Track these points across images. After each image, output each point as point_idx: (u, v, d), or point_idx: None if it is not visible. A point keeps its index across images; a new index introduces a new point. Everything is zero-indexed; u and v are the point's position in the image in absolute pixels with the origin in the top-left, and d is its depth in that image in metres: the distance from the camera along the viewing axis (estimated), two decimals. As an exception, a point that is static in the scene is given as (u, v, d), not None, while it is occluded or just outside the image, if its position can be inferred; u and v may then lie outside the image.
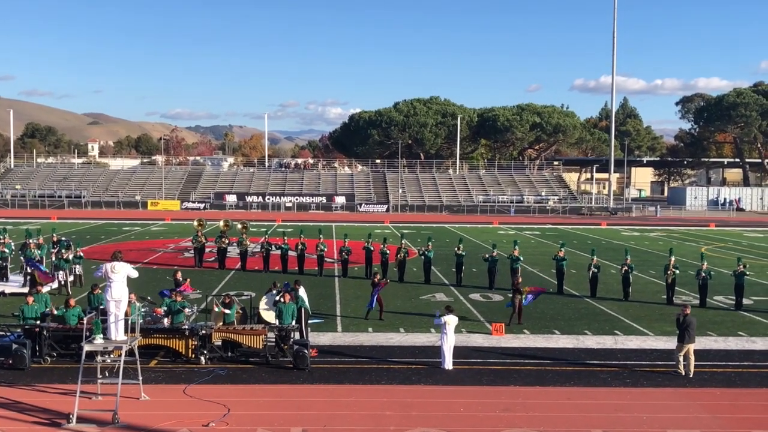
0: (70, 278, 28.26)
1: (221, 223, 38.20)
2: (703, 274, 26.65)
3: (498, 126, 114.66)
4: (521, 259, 30.60)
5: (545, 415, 14.65)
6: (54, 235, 32.29)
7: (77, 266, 29.12)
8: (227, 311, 18.96)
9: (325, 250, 33.36)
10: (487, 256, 30.58)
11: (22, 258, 28.74)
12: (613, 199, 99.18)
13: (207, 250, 36.86)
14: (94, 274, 20.81)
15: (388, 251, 31.26)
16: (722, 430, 14.12)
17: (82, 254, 30.64)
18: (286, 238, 35.52)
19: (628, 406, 15.32)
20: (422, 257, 31.36)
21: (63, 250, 29.00)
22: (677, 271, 27.41)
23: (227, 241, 35.88)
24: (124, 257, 16.59)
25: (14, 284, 27.99)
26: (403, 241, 32.47)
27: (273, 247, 34.83)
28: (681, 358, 17.56)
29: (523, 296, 23.40)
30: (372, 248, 32.14)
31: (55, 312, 19.12)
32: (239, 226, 37.35)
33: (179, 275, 23.69)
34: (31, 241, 29.98)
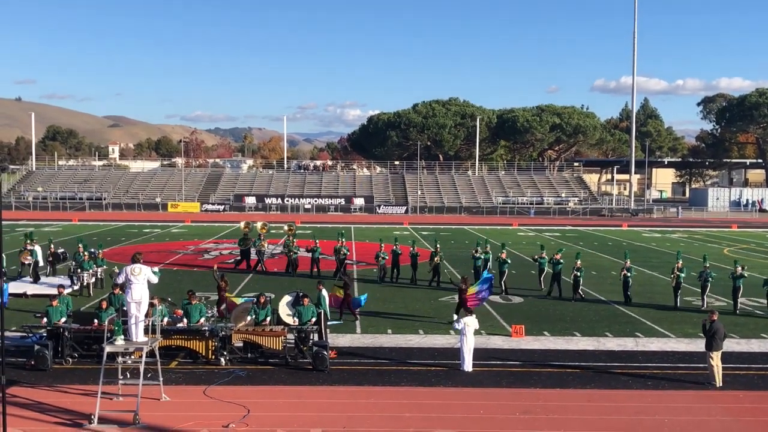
0: (92, 280, 28.49)
1: (258, 225, 37.84)
2: (705, 276, 26.49)
3: (517, 127, 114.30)
4: (509, 261, 29.80)
5: (565, 418, 14.60)
6: (51, 245, 32.59)
7: (100, 268, 29.37)
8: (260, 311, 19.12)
9: (347, 253, 33.07)
10: (536, 257, 30.50)
11: (72, 262, 29.18)
12: (634, 201, 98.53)
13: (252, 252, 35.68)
14: (113, 280, 20.88)
15: (401, 251, 31.79)
16: (745, 433, 14.01)
17: (103, 257, 30.88)
18: (317, 240, 35.39)
19: (649, 408, 15.24)
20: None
21: (85, 252, 29.27)
22: (682, 275, 26.82)
23: (265, 244, 35.59)
24: (145, 258, 16.70)
25: (40, 285, 28.29)
26: (437, 246, 31.73)
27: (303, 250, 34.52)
28: (714, 366, 17.08)
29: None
30: (400, 251, 31.95)
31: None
32: (286, 227, 36.74)
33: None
34: (92, 249, 30.54)
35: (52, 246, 32.22)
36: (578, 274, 27.65)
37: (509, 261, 30.22)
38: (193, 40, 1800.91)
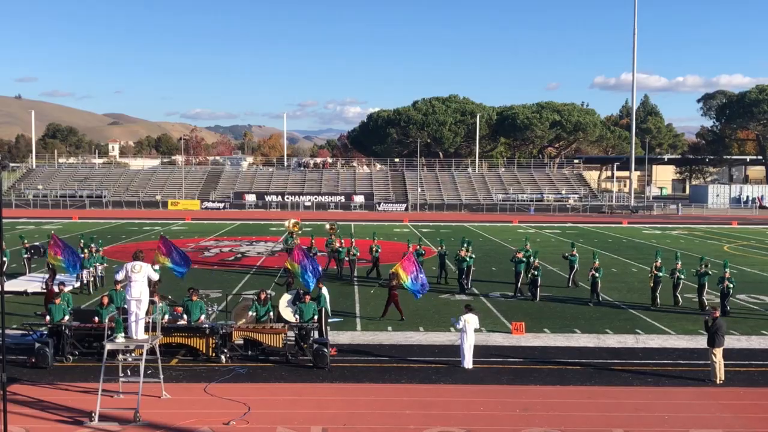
0: (91, 278, 28.53)
1: (290, 223, 36.61)
2: (677, 274, 26.07)
3: (517, 124, 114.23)
4: (467, 259, 29.22)
5: (565, 415, 14.61)
6: (25, 241, 32.68)
7: (100, 266, 29.42)
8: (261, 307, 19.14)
9: (357, 254, 31.85)
10: (566, 254, 30.36)
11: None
12: (634, 197, 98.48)
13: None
14: (114, 275, 20.95)
15: (424, 252, 31.46)
16: (745, 429, 14.01)
17: (104, 255, 30.94)
18: (344, 240, 33.72)
19: (649, 405, 15.25)
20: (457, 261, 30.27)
21: (85, 250, 29.33)
22: (660, 274, 26.17)
23: (298, 242, 33.60)
24: (145, 257, 16.71)
25: (37, 283, 28.29)
26: (470, 247, 30.79)
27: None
28: (716, 363, 17.09)
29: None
30: (423, 251, 31.30)
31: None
32: (327, 226, 35.60)
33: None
34: (92, 246, 30.55)
35: (26, 242, 32.52)
36: (596, 274, 26.52)
37: (468, 258, 29.30)
38: (193, 38, 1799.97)
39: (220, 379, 16.72)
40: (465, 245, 30.04)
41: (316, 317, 19.10)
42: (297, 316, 19.07)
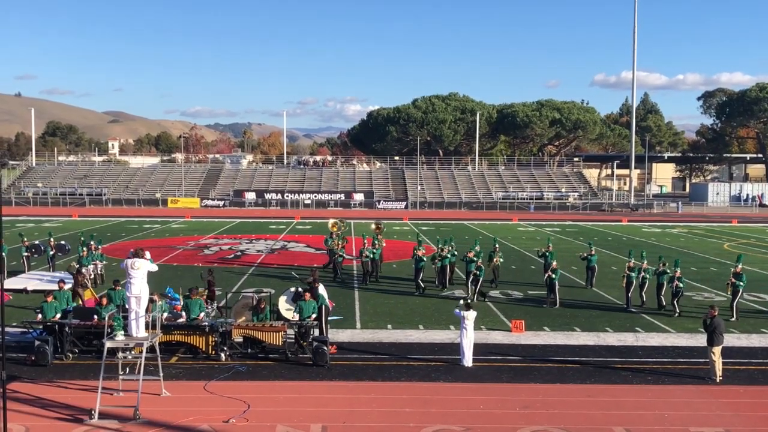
0: (90, 275, 28.54)
1: (330, 223, 35.89)
2: (643, 274, 25.48)
3: (517, 122, 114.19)
4: (448, 257, 29.10)
5: (565, 413, 14.61)
6: (25, 239, 32.78)
7: (100, 263, 29.48)
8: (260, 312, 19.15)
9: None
10: (585, 254, 29.91)
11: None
12: (634, 196, 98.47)
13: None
14: (120, 265, 20.97)
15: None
16: (744, 427, 14.02)
17: (103, 253, 31.03)
18: (376, 243, 32.38)
19: (649, 403, 15.25)
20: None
21: (84, 247, 29.37)
22: (633, 275, 25.38)
23: (340, 243, 32.93)
24: (144, 254, 16.69)
25: (36, 280, 28.31)
26: (496, 245, 30.61)
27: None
28: (716, 361, 17.06)
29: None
30: (455, 253, 30.28)
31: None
32: (373, 226, 35.01)
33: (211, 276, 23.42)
34: (92, 243, 30.65)
35: (26, 240, 32.65)
36: (651, 276, 25.59)
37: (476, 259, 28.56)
38: (192, 36, 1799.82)
39: (219, 376, 16.72)
40: (444, 244, 29.97)
41: (314, 315, 19.09)
42: (296, 314, 19.07)
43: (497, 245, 30.58)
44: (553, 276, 25.76)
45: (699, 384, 16.66)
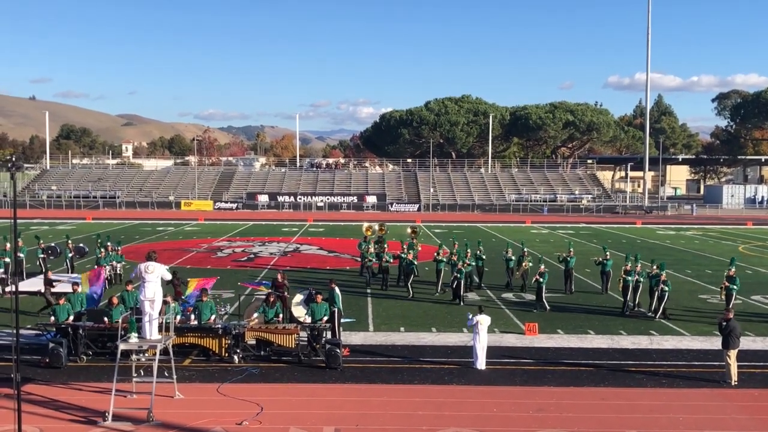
0: (107, 275, 28.85)
1: (375, 226, 34.90)
2: (636, 277, 24.99)
3: (530, 124, 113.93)
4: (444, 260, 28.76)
5: (579, 416, 14.55)
6: (41, 241, 32.95)
7: (118, 264, 29.81)
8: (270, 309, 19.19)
9: (391, 261, 30.00)
10: (599, 259, 29.24)
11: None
12: (648, 198, 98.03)
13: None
14: (130, 275, 21.27)
15: (485, 257, 30.04)
16: (760, 431, 13.92)
17: (122, 254, 31.45)
18: (418, 245, 31.85)
19: (663, 407, 15.16)
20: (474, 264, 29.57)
21: (102, 248, 29.76)
22: (630, 278, 24.90)
23: (371, 248, 31.71)
24: (159, 257, 16.77)
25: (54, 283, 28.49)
26: (525, 249, 29.85)
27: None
28: (731, 364, 16.91)
29: None
30: (484, 257, 29.99)
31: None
32: (408, 230, 34.42)
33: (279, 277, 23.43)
34: (109, 244, 30.94)
35: (41, 242, 32.85)
36: (645, 279, 25.11)
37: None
38: (206, 39, 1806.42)
39: (232, 379, 16.75)
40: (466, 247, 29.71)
41: (326, 317, 19.11)
42: (308, 317, 19.09)
43: (526, 250, 29.92)
44: (541, 280, 25.37)
45: (714, 387, 16.56)
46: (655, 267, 24.83)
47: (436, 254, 29.45)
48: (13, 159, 12.27)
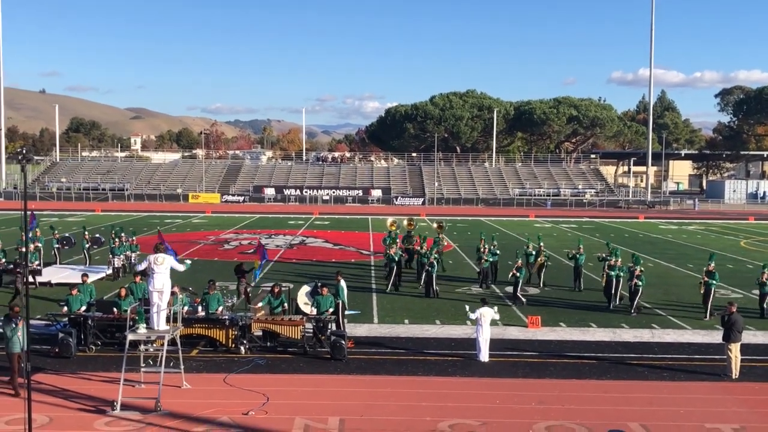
0: (120, 265, 29.24)
1: (389, 222, 33.90)
2: (617, 272, 24.53)
3: (534, 119, 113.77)
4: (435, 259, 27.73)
5: (581, 408, 14.56)
6: (56, 232, 33.21)
7: (133, 254, 30.07)
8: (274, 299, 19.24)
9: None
10: (603, 255, 28.41)
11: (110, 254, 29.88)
12: (651, 192, 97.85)
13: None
14: (136, 267, 21.33)
15: (533, 253, 29.34)
16: (760, 424, 13.90)
17: (137, 243, 32.03)
18: (444, 240, 31.18)
19: (664, 399, 15.16)
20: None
21: (116, 238, 29.99)
22: (613, 273, 24.55)
23: (413, 242, 31.07)
24: (166, 248, 16.81)
25: (65, 273, 28.65)
26: (541, 244, 29.48)
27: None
28: (732, 358, 16.87)
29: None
30: (532, 252, 29.10)
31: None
32: (435, 225, 33.62)
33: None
34: (123, 234, 31.26)
35: (56, 232, 33.04)
36: (626, 274, 24.59)
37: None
38: (214, 33, 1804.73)
39: (239, 369, 16.79)
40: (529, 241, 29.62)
41: (331, 309, 19.15)
42: (314, 309, 19.13)
43: (542, 244, 29.59)
44: (518, 275, 25.18)
45: (715, 380, 16.54)
46: (636, 268, 24.30)
47: (419, 248, 28.99)
48: (24, 151, 12.29)
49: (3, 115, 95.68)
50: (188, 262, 18.23)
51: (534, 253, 29.31)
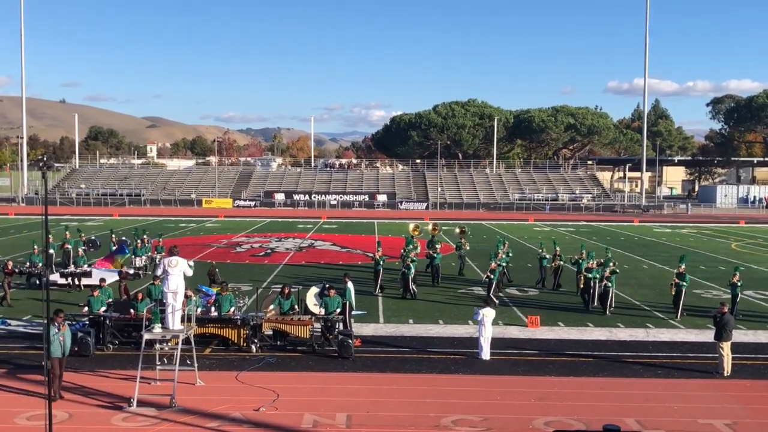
0: (142, 265, 29.50)
1: (411, 227, 33.66)
2: (593, 274, 24.21)
3: (533, 127, 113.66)
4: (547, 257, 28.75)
5: (579, 404, 14.51)
6: (82, 234, 33.28)
7: (158, 255, 30.31)
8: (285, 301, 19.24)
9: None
10: (575, 257, 28.41)
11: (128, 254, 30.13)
12: (646, 197, 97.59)
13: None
14: (153, 273, 21.37)
15: (547, 256, 29.01)
16: (752, 419, 13.85)
17: (163, 245, 32.10)
18: (466, 245, 30.79)
19: (659, 396, 15.11)
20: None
21: (138, 240, 30.23)
22: (590, 276, 24.23)
23: (439, 248, 30.25)
24: (181, 252, 16.84)
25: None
26: (557, 248, 29.11)
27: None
28: (724, 356, 16.82)
29: None
30: (547, 256, 28.91)
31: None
32: (457, 230, 33.31)
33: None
34: (145, 237, 31.79)
35: (83, 235, 33.07)
36: (608, 284, 23.93)
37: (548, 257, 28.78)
38: (227, 45, 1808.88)
39: (250, 367, 16.79)
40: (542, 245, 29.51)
41: (339, 310, 19.15)
42: (322, 309, 19.13)
43: (558, 248, 29.20)
44: (492, 277, 24.78)
45: (707, 378, 16.49)
46: (612, 263, 24.27)
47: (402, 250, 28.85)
48: (45, 159, 12.32)
49: (25, 124, 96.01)
50: (191, 263, 18.24)
51: (547, 257, 29.03)
